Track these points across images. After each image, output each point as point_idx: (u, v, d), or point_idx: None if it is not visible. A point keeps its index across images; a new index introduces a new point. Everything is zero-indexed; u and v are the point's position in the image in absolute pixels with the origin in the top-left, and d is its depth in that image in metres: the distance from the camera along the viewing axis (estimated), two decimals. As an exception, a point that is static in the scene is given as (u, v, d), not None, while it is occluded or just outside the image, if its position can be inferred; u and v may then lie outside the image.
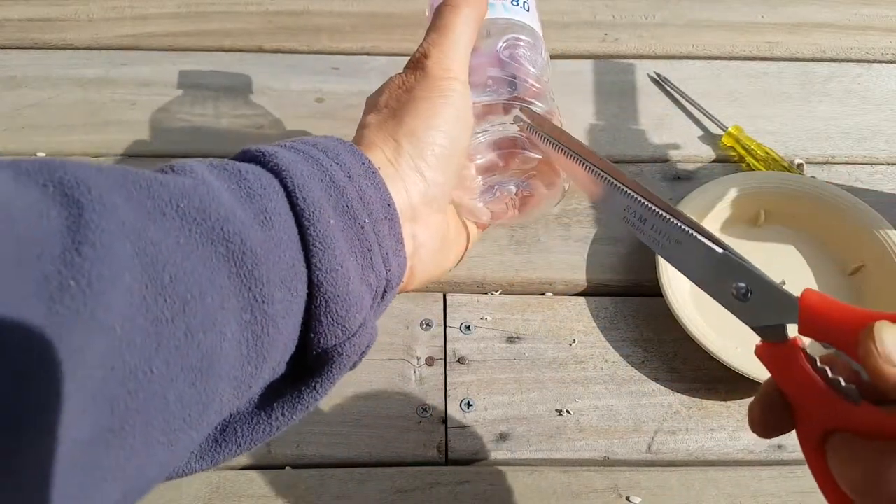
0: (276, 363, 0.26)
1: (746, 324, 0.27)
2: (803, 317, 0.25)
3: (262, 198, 0.25)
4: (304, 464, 0.47)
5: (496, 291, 0.56)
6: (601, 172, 0.31)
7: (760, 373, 0.47)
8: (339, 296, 0.26)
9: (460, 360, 0.51)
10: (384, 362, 0.51)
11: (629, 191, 0.30)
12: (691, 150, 0.64)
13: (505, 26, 0.38)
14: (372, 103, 0.35)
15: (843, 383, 0.24)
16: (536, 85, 0.38)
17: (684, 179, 0.62)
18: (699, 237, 0.28)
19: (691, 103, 0.66)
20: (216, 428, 0.26)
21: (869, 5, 0.75)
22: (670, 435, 0.49)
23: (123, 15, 0.72)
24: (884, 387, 0.22)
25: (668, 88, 0.67)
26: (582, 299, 0.55)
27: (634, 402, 0.50)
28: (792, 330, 0.26)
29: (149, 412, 0.20)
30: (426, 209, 0.32)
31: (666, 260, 0.30)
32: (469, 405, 0.50)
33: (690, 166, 0.63)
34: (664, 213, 0.29)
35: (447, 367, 0.51)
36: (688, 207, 0.56)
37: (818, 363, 0.25)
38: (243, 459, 0.47)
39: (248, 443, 0.26)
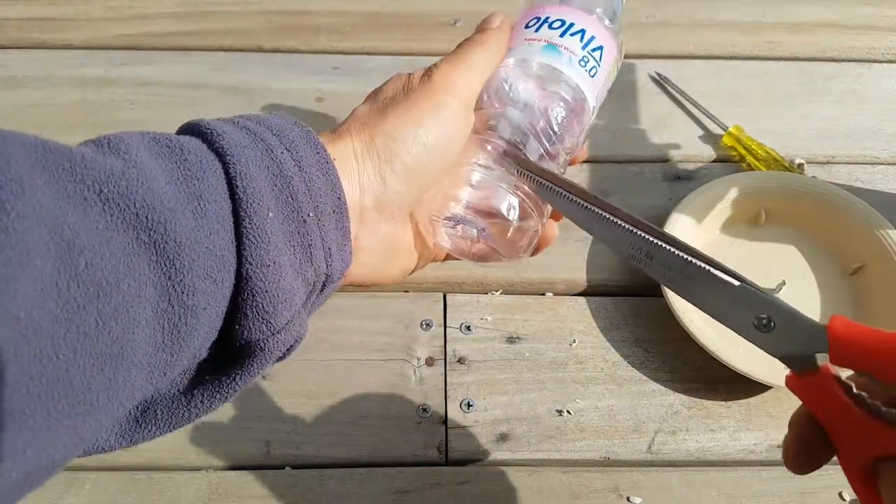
0: (195, 350, 0.26)
1: (772, 355, 0.26)
2: (833, 345, 0.24)
3: (199, 181, 0.25)
4: (304, 464, 0.47)
5: (496, 291, 0.55)
6: (600, 212, 0.30)
7: (761, 373, 0.47)
8: (267, 291, 0.26)
9: (460, 361, 0.51)
10: (384, 362, 0.51)
11: (633, 228, 0.29)
12: (692, 149, 0.64)
13: (556, 80, 0.35)
14: (372, 94, 0.35)
15: (882, 409, 0.23)
16: (549, 149, 0.35)
17: (685, 179, 0.62)
18: (713, 271, 0.27)
19: (692, 103, 0.66)
20: (137, 408, 0.26)
21: (870, 5, 0.75)
22: (671, 435, 0.49)
23: (123, 14, 0.72)
24: None
25: (669, 88, 0.67)
26: (582, 299, 0.55)
27: (635, 403, 0.50)
28: (821, 357, 0.25)
29: (52, 397, 0.20)
30: (375, 214, 0.31)
31: (679, 295, 0.28)
32: (469, 405, 0.50)
33: (691, 166, 0.63)
34: (671, 249, 0.28)
35: (447, 368, 0.51)
36: (688, 207, 0.56)
37: (854, 390, 0.24)
38: (243, 459, 0.47)
39: (167, 426, 0.26)
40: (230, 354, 0.27)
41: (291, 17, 0.72)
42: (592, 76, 0.36)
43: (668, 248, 0.28)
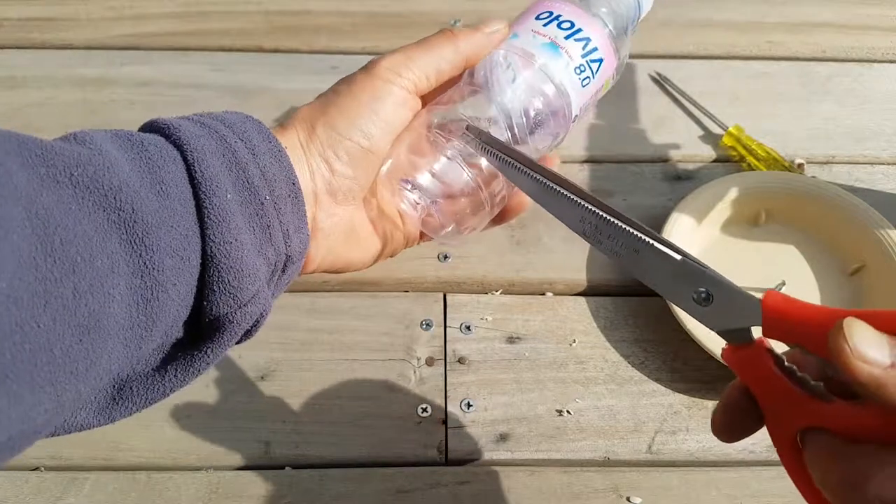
0: (168, 326, 0.27)
1: (710, 328, 0.27)
2: (766, 318, 0.25)
3: (160, 169, 0.27)
4: (304, 464, 0.47)
5: (496, 291, 0.55)
6: (554, 186, 0.31)
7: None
8: (231, 267, 0.28)
9: (460, 361, 0.51)
10: (384, 362, 0.51)
11: (582, 202, 0.30)
12: (692, 149, 0.64)
13: (546, 79, 0.35)
14: (319, 95, 0.36)
15: (811, 382, 0.24)
16: (517, 139, 0.35)
17: (685, 179, 0.62)
18: (656, 245, 0.28)
19: (692, 103, 0.66)
20: (113, 386, 0.27)
21: (869, 5, 0.75)
22: (671, 435, 0.49)
23: (122, 14, 0.72)
24: (856, 383, 0.22)
25: (669, 88, 0.67)
26: (582, 299, 0.55)
27: (635, 403, 0.50)
28: (757, 332, 0.26)
29: (34, 363, 0.22)
30: (329, 198, 0.33)
31: (625, 269, 0.30)
32: (469, 405, 0.50)
33: (691, 166, 0.63)
34: (618, 223, 0.29)
35: (447, 367, 0.51)
36: (688, 207, 0.56)
37: (785, 363, 0.25)
38: (243, 459, 0.47)
39: (143, 401, 0.28)
40: (201, 331, 0.29)
41: (291, 17, 0.73)
42: (584, 86, 0.37)
43: (614, 220, 0.29)
